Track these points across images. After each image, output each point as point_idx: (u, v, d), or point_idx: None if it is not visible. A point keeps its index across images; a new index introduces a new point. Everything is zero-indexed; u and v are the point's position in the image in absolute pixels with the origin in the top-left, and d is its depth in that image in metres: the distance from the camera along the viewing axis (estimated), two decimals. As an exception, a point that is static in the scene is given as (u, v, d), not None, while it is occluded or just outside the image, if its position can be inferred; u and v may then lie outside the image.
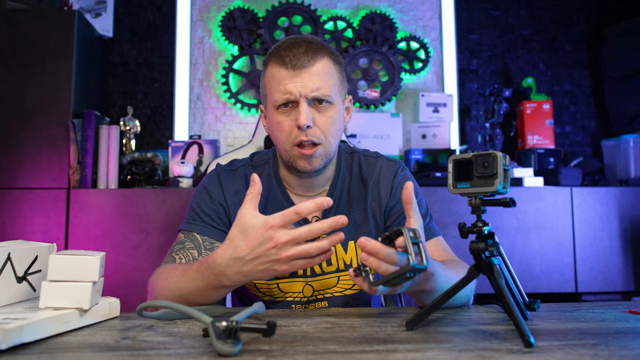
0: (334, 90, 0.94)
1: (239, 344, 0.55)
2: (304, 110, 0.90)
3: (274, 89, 0.93)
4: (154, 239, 1.90)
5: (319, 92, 0.91)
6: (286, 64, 0.90)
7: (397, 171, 1.04)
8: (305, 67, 0.90)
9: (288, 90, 0.90)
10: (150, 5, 2.52)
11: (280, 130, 0.94)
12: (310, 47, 0.92)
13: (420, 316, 0.68)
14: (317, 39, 0.96)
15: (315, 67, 0.91)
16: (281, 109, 0.93)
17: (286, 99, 0.91)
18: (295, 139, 0.92)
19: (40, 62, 1.97)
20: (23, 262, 0.73)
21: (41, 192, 1.91)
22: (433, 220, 1.03)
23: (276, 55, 0.93)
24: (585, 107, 2.67)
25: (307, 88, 0.90)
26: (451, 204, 2.01)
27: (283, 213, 0.69)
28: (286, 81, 0.90)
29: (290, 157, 0.94)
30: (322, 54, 0.93)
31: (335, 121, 0.95)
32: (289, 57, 0.90)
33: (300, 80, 0.90)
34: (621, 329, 0.67)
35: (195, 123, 2.46)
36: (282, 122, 0.93)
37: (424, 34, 2.60)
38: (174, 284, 0.82)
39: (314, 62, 0.91)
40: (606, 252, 2.05)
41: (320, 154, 0.94)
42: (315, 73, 0.91)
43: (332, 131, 0.94)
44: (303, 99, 0.90)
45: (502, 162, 0.64)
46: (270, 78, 0.94)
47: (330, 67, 0.94)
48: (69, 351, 0.57)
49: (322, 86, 0.91)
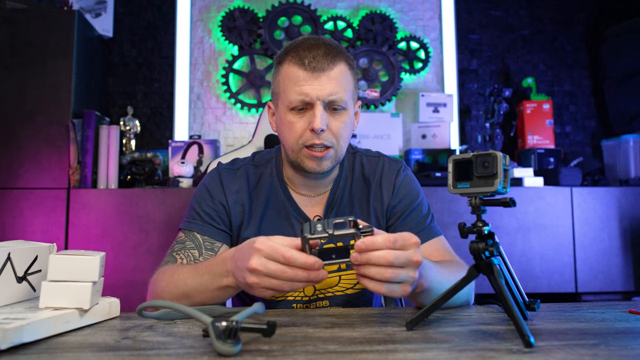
0: (348, 96, 0.93)
1: (239, 344, 0.55)
2: (319, 113, 0.89)
3: (288, 89, 0.92)
4: (154, 239, 1.90)
5: (336, 97, 0.90)
6: (305, 65, 0.89)
7: (399, 170, 1.05)
8: (325, 71, 0.90)
9: (305, 92, 0.89)
10: (150, 5, 2.52)
11: (291, 130, 0.93)
12: (330, 51, 0.91)
13: (420, 316, 0.68)
14: (335, 43, 0.95)
15: (334, 72, 0.91)
16: (295, 110, 0.92)
17: (301, 100, 0.90)
18: (306, 140, 0.91)
19: (41, 62, 1.97)
20: (23, 262, 0.73)
21: (41, 192, 1.91)
22: (435, 220, 1.03)
23: (294, 55, 0.91)
24: (585, 107, 2.67)
25: (324, 92, 0.89)
26: (451, 204, 2.01)
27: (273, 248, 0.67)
28: (303, 82, 0.90)
29: (297, 157, 0.94)
30: (340, 59, 0.92)
31: (348, 126, 0.95)
32: (309, 58, 0.89)
33: (319, 83, 0.89)
34: (621, 329, 0.67)
35: (195, 123, 2.46)
36: (295, 123, 0.92)
37: (424, 34, 2.60)
38: (180, 279, 0.83)
39: (333, 65, 0.90)
40: (606, 252, 2.05)
41: (331, 156, 0.94)
42: (333, 77, 0.90)
43: (344, 135, 0.94)
44: (320, 102, 0.90)
45: (502, 162, 0.64)
46: (286, 77, 0.93)
47: (346, 72, 0.94)
48: (69, 351, 0.57)
49: (339, 91, 0.91)
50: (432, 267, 0.79)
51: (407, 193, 1.03)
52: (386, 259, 0.64)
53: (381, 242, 0.65)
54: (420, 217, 1.01)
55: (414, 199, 1.02)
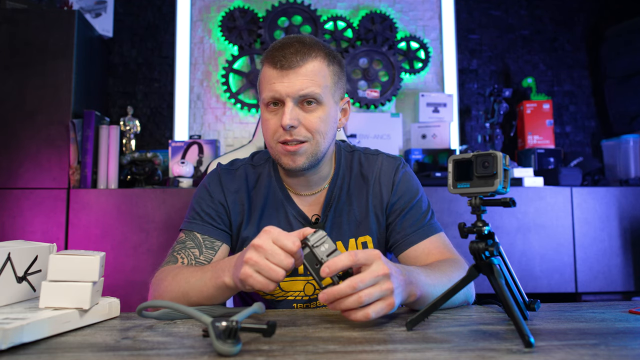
0: (324, 91, 0.93)
1: (239, 344, 0.55)
2: (288, 110, 0.91)
3: (263, 88, 0.95)
4: (154, 239, 1.90)
5: (307, 91, 0.91)
6: (275, 64, 0.92)
7: (398, 167, 1.05)
8: (293, 68, 0.91)
9: (275, 89, 0.92)
10: (150, 5, 2.52)
11: (266, 128, 0.96)
12: (302, 48, 0.92)
13: (420, 316, 0.68)
14: (313, 39, 0.96)
15: (304, 68, 0.91)
16: (270, 107, 0.94)
17: (272, 97, 0.92)
18: (279, 137, 0.93)
19: (41, 62, 1.97)
20: (23, 262, 0.73)
21: (41, 192, 1.91)
22: (435, 217, 1.03)
23: (269, 55, 0.94)
24: (585, 107, 2.67)
25: (293, 88, 0.91)
26: (451, 204, 2.01)
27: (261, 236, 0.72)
28: (274, 80, 0.92)
29: (275, 153, 0.96)
30: (315, 55, 0.92)
31: (325, 121, 0.94)
32: (279, 57, 0.91)
33: (288, 80, 0.91)
34: (621, 329, 0.67)
35: (195, 123, 2.46)
36: (269, 120, 0.95)
37: (424, 34, 2.60)
38: (183, 278, 0.84)
39: (303, 62, 0.91)
40: (606, 252, 2.05)
41: (306, 151, 0.93)
42: (302, 74, 0.91)
43: (321, 130, 0.94)
44: (289, 99, 0.91)
45: (502, 162, 0.64)
46: (262, 77, 0.96)
47: (322, 67, 0.93)
48: (69, 351, 0.57)
49: (310, 86, 0.91)
50: (420, 272, 0.78)
51: (407, 190, 1.03)
52: (351, 286, 0.66)
53: (346, 262, 0.67)
54: (420, 214, 1.01)
55: (413, 196, 1.02)
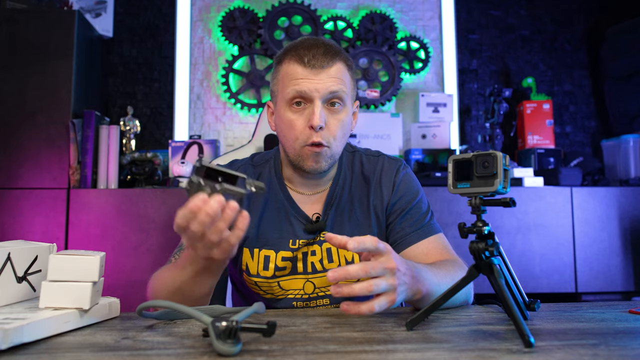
0: (347, 94, 0.95)
1: (239, 344, 0.55)
2: (318, 110, 0.90)
3: (287, 85, 0.93)
4: (154, 239, 1.90)
5: (335, 89, 0.92)
6: (304, 62, 0.91)
7: (399, 168, 1.05)
8: (324, 68, 0.91)
9: (303, 85, 0.91)
10: (150, 5, 2.52)
11: (291, 128, 0.94)
12: (329, 50, 0.93)
13: (420, 316, 0.68)
14: (334, 43, 0.97)
15: (333, 70, 0.92)
16: (293, 107, 0.93)
17: (298, 92, 0.91)
18: (307, 139, 0.92)
19: (41, 62, 1.97)
20: (23, 262, 0.73)
21: (41, 192, 1.91)
22: (434, 218, 1.03)
23: (294, 54, 0.93)
24: (585, 107, 2.67)
25: (323, 87, 0.91)
26: (451, 204, 2.01)
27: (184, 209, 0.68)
28: (302, 77, 0.91)
29: (298, 156, 0.95)
30: (339, 58, 0.94)
31: (345, 124, 0.96)
32: (308, 56, 0.91)
33: (318, 79, 0.91)
34: (621, 329, 0.67)
35: (195, 123, 2.46)
36: (294, 120, 0.93)
37: (424, 34, 2.60)
38: (169, 278, 0.84)
39: (332, 64, 0.92)
40: (606, 252, 2.05)
41: (326, 155, 0.94)
42: (332, 75, 0.92)
43: (340, 134, 0.95)
44: (318, 98, 0.91)
45: (502, 162, 0.64)
46: (285, 74, 0.94)
47: (345, 71, 0.95)
48: (69, 351, 0.57)
49: (338, 88, 0.92)
50: (427, 270, 0.78)
51: (407, 191, 1.03)
52: (363, 269, 0.65)
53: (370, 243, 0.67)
54: (419, 215, 1.01)
55: (413, 197, 1.03)
